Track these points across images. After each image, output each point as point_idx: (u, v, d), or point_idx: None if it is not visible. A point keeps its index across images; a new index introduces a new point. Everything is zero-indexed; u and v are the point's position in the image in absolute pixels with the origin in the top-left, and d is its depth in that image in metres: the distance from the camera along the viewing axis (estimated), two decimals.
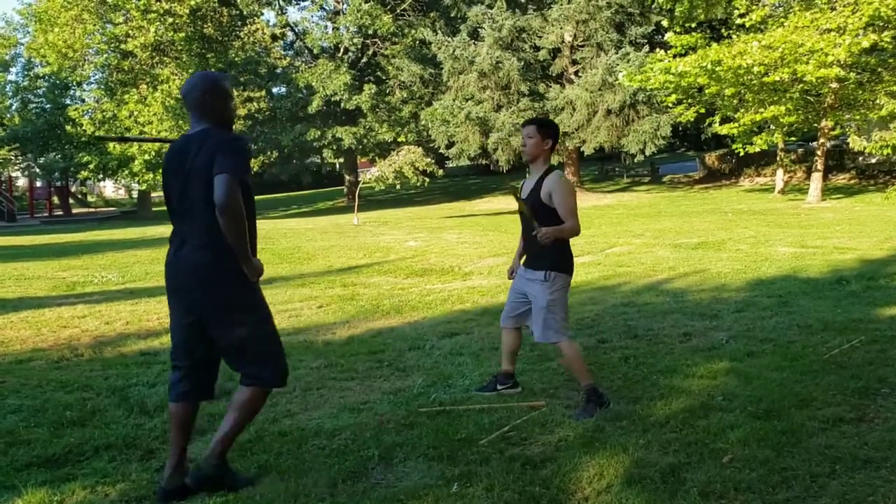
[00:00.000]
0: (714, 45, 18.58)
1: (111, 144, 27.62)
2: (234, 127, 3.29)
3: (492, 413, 3.96)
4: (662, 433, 3.57)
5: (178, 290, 3.07)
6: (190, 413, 3.14)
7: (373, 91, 31.30)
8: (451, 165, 42.28)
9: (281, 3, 36.05)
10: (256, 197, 3.23)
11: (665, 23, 22.15)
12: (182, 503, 3.03)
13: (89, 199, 46.88)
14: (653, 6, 24.27)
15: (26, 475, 3.32)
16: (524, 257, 4.29)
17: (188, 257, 3.01)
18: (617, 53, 24.99)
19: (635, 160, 29.30)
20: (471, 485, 3.07)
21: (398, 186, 21.08)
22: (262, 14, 35.59)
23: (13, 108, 34.03)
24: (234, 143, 2.98)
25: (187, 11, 27.58)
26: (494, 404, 4.11)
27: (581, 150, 27.22)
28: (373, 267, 10.71)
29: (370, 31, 32.29)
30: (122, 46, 27.59)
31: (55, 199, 36.72)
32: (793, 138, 23.03)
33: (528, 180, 4.19)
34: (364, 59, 35.09)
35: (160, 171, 31.76)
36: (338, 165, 40.96)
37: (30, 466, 3.43)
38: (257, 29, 32.52)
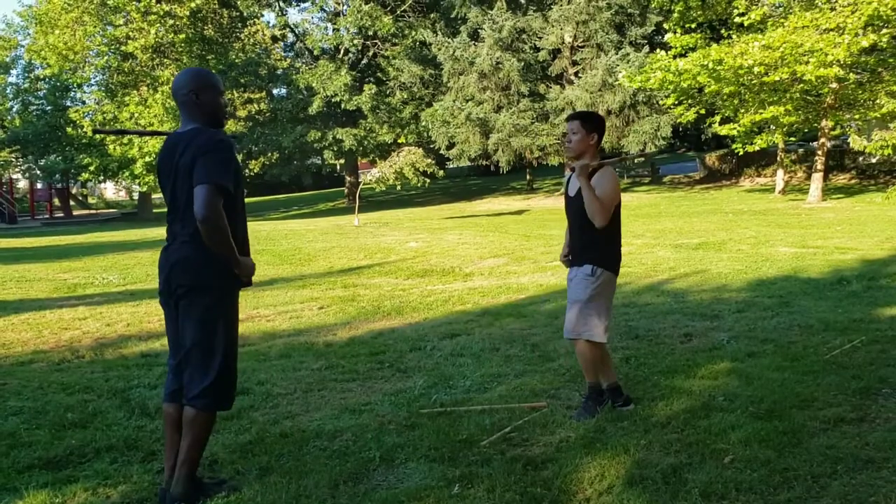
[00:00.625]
0: (714, 45, 18.59)
1: (112, 146, 27.64)
2: (234, 126, 3.30)
3: (493, 414, 3.96)
4: (664, 434, 3.57)
5: (168, 282, 3.07)
6: (181, 413, 3.07)
7: (373, 92, 31.30)
8: (451, 166, 42.30)
9: (281, 4, 36.05)
10: (257, 198, 3.24)
11: (667, 25, 22.15)
12: None
13: (90, 200, 46.90)
14: (652, 7, 24.28)
15: (27, 477, 3.32)
16: (570, 255, 4.06)
17: (177, 251, 3.04)
18: (617, 54, 25.01)
19: (635, 161, 29.30)
20: (472, 486, 3.07)
21: (399, 187, 21.07)
22: (263, 15, 35.63)
23: (14, 110, 34.07)
24: (215, 147, 2.92)
25: (187, 13, 27.62)
26: (495, 405, 4.11)
27: None
28: (374, 268, 10.71)
29: (370, 33, 32.29)
30: (123, 48, 27.63)
31: (56, 201, 36.72)
32: (793, 138, 23.04)
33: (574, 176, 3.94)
34: (364, 61, 35.10)
35: None
36: (338, 166, 40.95)
37: (31, 468, 3.43)
38: (257, 30, 32.57)
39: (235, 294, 3.12)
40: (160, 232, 21.04)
